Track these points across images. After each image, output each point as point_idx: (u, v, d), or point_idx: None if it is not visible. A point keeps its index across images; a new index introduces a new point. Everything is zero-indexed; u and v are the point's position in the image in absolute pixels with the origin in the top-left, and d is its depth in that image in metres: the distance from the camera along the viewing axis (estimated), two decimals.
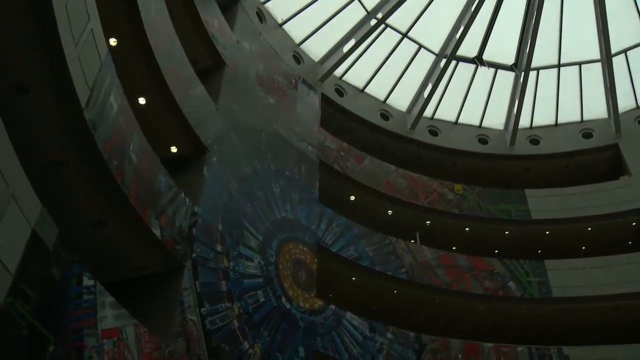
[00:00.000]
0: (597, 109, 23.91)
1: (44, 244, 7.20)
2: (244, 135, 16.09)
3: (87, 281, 8.54)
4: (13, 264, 6.41)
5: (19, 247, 6.60)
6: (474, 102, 24.50)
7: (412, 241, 20.74)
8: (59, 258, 7.70)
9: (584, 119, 24.29)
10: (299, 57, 21.62)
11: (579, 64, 22.98)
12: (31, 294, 6.81)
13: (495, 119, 24.86)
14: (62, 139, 8.63)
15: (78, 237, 9.67)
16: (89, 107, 8.53)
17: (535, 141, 24.31)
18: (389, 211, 21.33)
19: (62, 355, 7.54)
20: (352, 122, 22.73)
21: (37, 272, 7.13)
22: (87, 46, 8.60)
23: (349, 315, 16.80)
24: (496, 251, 22.13)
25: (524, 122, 24.30)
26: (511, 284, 19.86)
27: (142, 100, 12.43)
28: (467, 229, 22.02)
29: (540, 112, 24.53)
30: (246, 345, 12.86)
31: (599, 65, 22.37)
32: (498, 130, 24.84)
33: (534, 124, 24.79)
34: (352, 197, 20.74)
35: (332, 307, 16.55)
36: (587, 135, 23.81)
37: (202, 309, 11.90)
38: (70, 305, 8.14)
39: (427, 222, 21.67)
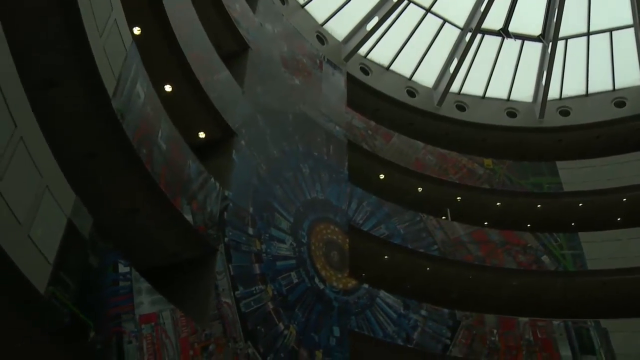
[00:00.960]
0: (630, 76, 23.18)
1: (80, 233, 7.35)
2: (270, 117, 16.11)
3: (122, 268, 8.72)
4: (52, 253, 6.57)
5: (57, 237, 6.76)
6: (501, 75, 24.05)
7: (443, 217, 20.63)
8: (95, 246, 7.86)
9: (616, 87, 23.58)
10: (322, 37, 21.49)
11: (610, 30, 22.32)
12: (70, 282, 6.97)
13: (524, 92, 24.38)
14: (92, 129, 8.77)
15: (111, 225, 9.84)
16: (116, 97, 8.64)
17: (565, 112, 23.78)
18: (419, 188, 21.20)
19: (102, 341, 7.73)
20: (378, 100, 22.55)
21: (75, 261, 7.29)
22: (111, 36, 8.68)
23: (382, 293, 16.84)
24: (528, 225, 21.87)
25: (553, 93, 23.73)
26: (545, 257, 19.62)
27: (168, 88, 12.53)
28: (498, 203, 21.77)
29: (570, 82, 23.91)
30: (281, 326, 12.99)
31: (631, 31, 21.71)
32: (527, 103, 24.38)
33: (563, 95, 24.19)
34: (381, 175, 20.68)
35: (366, 286, 16.59)
36: (620, 104, 23.18)
37: (237, 292, 12.03)
38: (108, 292, 8.32)
39: (458, 198, 21.53)
